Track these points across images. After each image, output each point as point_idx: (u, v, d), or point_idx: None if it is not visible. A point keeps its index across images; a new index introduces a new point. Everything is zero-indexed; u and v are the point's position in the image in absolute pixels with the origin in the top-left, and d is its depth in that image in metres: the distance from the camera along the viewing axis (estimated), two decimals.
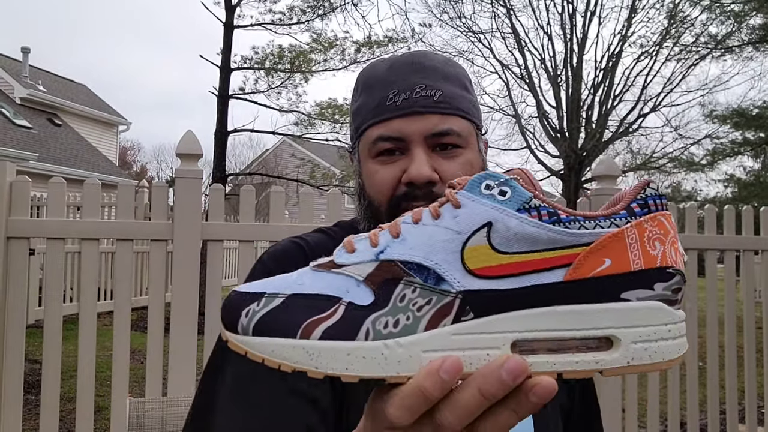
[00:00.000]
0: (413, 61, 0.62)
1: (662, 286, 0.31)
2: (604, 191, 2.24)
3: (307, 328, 0.31)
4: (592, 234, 0.31)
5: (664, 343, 0.31)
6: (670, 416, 2.41)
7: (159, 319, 1.85)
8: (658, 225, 0.32)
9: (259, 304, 0.32)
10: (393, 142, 0.60)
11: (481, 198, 0.32)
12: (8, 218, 1.74)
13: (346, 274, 0.32)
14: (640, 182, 0.33)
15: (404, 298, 0.31)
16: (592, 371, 0.31)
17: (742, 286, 2.85)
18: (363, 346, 0.31)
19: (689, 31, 11.13)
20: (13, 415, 1.72)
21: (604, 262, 0.31)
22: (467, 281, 0.31)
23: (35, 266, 5.92)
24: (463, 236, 0.31)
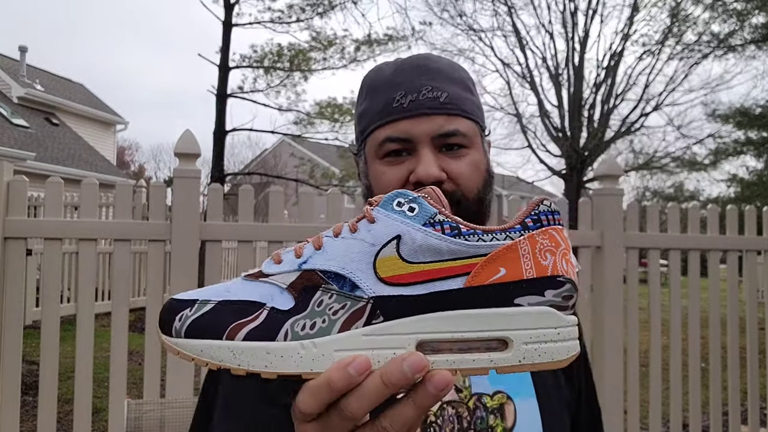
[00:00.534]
0: (419, 64, 0.64)
1: (552, 293, 0.35)
2: (606, 191, 2.22)
3: (232, 330, 0.34)
4: (489, 246, 0.35)
5: (553, 344, 0.34)
6: (672, 417, 2.39)
7: (157, 321, 1.84)
8: (549, 238, 0.35)
9: (192, 310, 0.35)
10: (400, 143, 0.61)
11: (392, 213, 0.36)
12: (5, 218, 1.73)
13: (272, 283, 0.36)
14: (535, 199, 0.37)
15: (321, 303, 0.35)
16: (488, 369, 0.34)
17: (744, 286, 2.84)
18: (281, 346, 0.34)
19: (692, 29, 11.11)
20: (10, 416, 1.71)
21: (499, 271, 0.34)
22: (378, 288, 0.34)
23: (32, 267, 5.91)
24: (376, 248, 0.35)
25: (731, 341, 2.52)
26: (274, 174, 13.15)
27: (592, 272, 2.27)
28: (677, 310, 2.41)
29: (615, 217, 2.22)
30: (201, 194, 2.17)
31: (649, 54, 11.43)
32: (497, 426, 0.61)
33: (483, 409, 0.61)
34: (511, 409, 0.62)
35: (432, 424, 0.60)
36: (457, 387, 0.62)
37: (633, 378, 2.29)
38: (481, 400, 0.62)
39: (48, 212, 1.79)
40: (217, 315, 0.35)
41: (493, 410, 0.62)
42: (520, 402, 0.63)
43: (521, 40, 11.92)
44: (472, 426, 0.60)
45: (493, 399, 0.62)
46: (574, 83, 11.66)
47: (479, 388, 0.62)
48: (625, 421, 2.26)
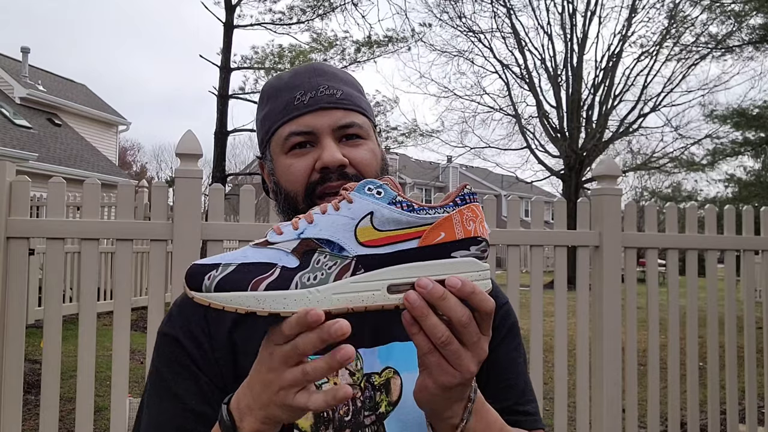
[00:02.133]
0: (314, 68, 0.71)
1: (475, 248, 0.50)
2: (604, 191, 2.23)
3: (255, 283, 0.46)
4: (433, 217, 0.49)
5: (477, 282, 0.49)
6: (671, 416, 2.41)
7: (159, 320, 1.85)
8: (471, 211, 0.50)
9: (218, 271, 0.47)
10: (304, 135, 0.67)
11: (365, 196, 0.49)
12: (8, 218, 1.74)
13: (278, 249, 0.48)
14: (461, 185, 0.51)
15: (319, 262, 0.48)
16: None
17: (742, 286, 2.85)
18: (294, 292, 0.46)
19: (689, 30, 11.12)
20: (12, 415, 1.72)
21: (440, 235, 0.49)
22: (359, 249, 0.48)
23: (35, 266, 5.92)
24: (356, 221, 0.48)
25: (729, 340, 2.53)
26: None
27: (590, 272, 2.28)
28: (675, 309, 2.42)
29: (613, 217, 2.23)
30: (202, 194, 2.19)
31: (647, 55, 11.45)
32: (382, 402, 0.65)
33: (371, 388, 0.65)
34: (397, 383, 0.65)
35: None
36: (350, 371, 0.65)
37: (631, 377, 2.31)
38: (370, 380, 0.65)
39: (50, 212, 1.80)
40: (240, 273, 0.46)
41: (380, 387, 0.65)
42: (408, 376, 0.66)
43: (520, 41, 11.94)
44: (363, 405, 0.64)
45: (381, 376, 0.66)
46: (573, 84, 11.67)
47: (370, 368, 0.66)
48: (624, 419, 2.28)
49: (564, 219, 2.27)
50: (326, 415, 0.63)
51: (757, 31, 9.89)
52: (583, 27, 11.57)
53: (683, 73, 11.32)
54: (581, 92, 11.60)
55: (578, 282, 2.30)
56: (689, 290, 2.47)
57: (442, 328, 0.47)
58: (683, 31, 11.10)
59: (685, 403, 2.47)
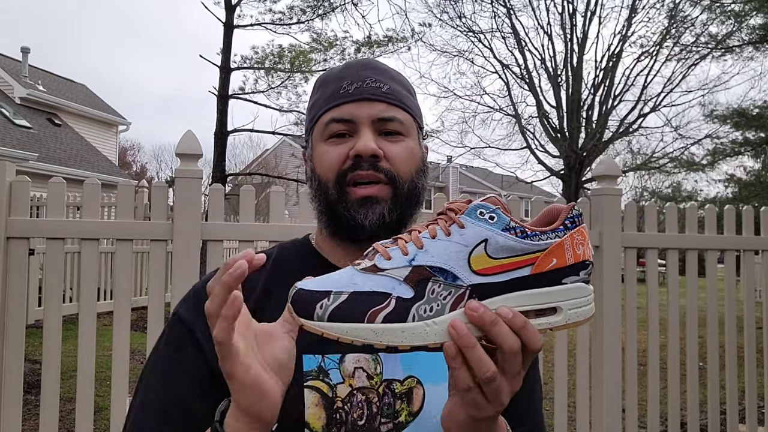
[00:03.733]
0: (365, 62, 0.72)
1: (583, 272, 0.49)
2: (604, 191, 2.24)
3: (371, 315, 0.45)
4: (545, 243, 0.48)
5: (585, 308, 0.49)
6: (671, 416, 2.41)
7: (159, 319, 1.85)
8: (580, 234, 0.49)
9: (329, 300, 0.46)
10: (344, 123, 0.67)
11: (478, 221, 0.48)
12: (8, 218, 1.74)
13: (389, 276, 0.47)
14: (569, 205, 0.51)
15: (434, 292, 0.47)
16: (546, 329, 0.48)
17: (742, 286, 2.85)
18: (412, 325, 0.46)
19: (689, 30, 11.12)
20: (12, 414, 1.72)
21: (552, 261, 0.48)
22: (473, 278, 0.47)
23: (35, 266, 5.92)
24: (469, 248, 0.47)
25: (729, 340, 2.53)
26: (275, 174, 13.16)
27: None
28: (675, 309, 2.42)
29: (613, 217, 2.23)
30: (202, 194, 2.19)
31: (647, 55, 11.44)
32: (402, 410, 0.63)
33: (391, 395, 0.64)
34: (420, 393, 0.64)
35: (339, 410, 0.62)
36: (368, 374, 0.64)
37: (631, 377, 2.31)
38: (390, 386, 0.64)
39: (50, 212, 1.80)
40: (353, 303, 0.46)
41: (401, 395, 0.64)
42: (431, 387, 0.65)
43: (520, 41, 11.94)
44: (379, 411, 0.63)
45: (403, 384, 0.64)
46: (573, 84, 11.67)
47: (391, 374, 0.64)
48: (624, 419, 2.28)
49: None
50: (339, 417, 0.62)
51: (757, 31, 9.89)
52: (583, 27, 11.57)
53: (683, 73, 11.32)
54: (581, 92, 11.60)
55: None
56: (689, 290, 2.47)
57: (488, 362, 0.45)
58: (683, 31, 11.10)
59: (685, 403, 2.47)
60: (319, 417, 0.61)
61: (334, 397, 0.62)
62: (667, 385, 2.41)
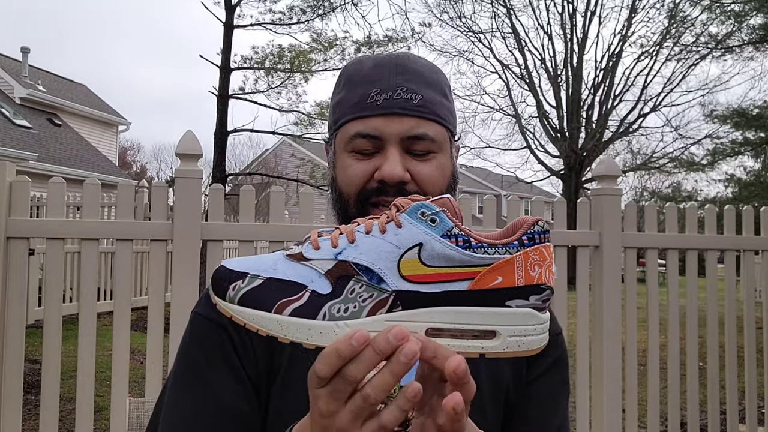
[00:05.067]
0: (398, 63, 0.64)
1: (535, 297, 0.43)
2: (604, 191, 2.24)
3: (280, 306, 0.42)
4: (491, 258, 0.42)
5: (530, 338, 0.43)
6: (671, 416, 2.41)
7: (159, 319, 1.85)
8: (539, 254, 0.43)
9: (244, 282, 0.42)
10: (370, 139, 0.62)
11: (417, 222, 0.43)
12: (8, 218, 1.74)
13: (311, 267, 0.43)
14: (531, 219, 0.44)
15: (353, 292, 0.42)
16: (478, 353, 0.43)
17: (742, 286, 2.85)
18: (321, 324, 0.42)
19: (689, 30, 11.13)
20: (12, 415, 1.72)
21: (497, 279, 0.42)
22: (400, 283, 0.42)
23: (35, 266, 5.92)
24: (401, 250, 0.42)
25: (729, 340, 2.53)
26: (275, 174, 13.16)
27: (590, 272, 2.28)
28: (675, 309, 2.42)
29: (613, 217, 2.23)
30: (202, 194, 2.19)
31: (647, 55, 11.45)
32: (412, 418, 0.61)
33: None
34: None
35: None
36: None
37: (631, 377, 2.31)
38: None
39: (50, 212, 1.80)
40: (266, 290, 0.42)
41: None
42: None
43: (520, 41, 11.94)
44: None
45: None
46: (573, 84, 11.67)
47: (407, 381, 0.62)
48: (624, 419, 2.28)
49: (564, 219, 2.27)
50: None
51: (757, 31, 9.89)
52: (583, 27, 11.58)
53: (683, 73, 11.33)
54: (581, 92, 11.60)
55: (578, 282, 2.31)
56: (689, 290, 2.47)
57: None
58: (683, 31, 11.11)
59: (685, 403, 2.47)
60: None
61: None
62: (667, 385, 2.41)
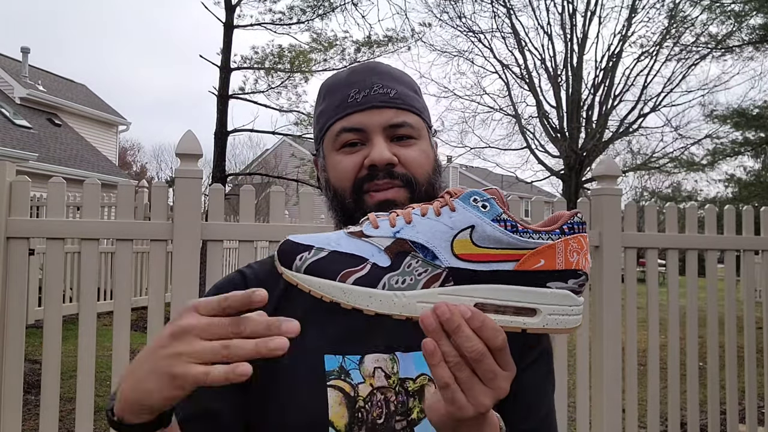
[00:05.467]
0: (370, 67, 0.72)
1: (573, 281, 0.47)
2: (604, 191, 2.24)
3: (344, 275, 0.46)
4: (536, 243, 0.47)
5: (567, 317, 0.47)
6: (671, 416, 2.41)
7: (159, 319, 1.85)
8: (577, 242, 0.47)
9: (310, 253, 0.47)
10: (355, 133, 0.67)
11: (470, 207, 0.47)
12: (8, 218, 1.74)
13: (371, 243, 0.47)
14: (572, 211, 0.49)
15: (410, 266, 0.46)
16: (520, 328, 0.47)
17: (742, 286, 2.85)
18: (380, 293, 0.46)
19: (689, 30, 11.12)
20: (12, 415, 1.72)
21: (540, 262, 0.46)
22: (453, 261, 0.46)
23: (35, 266, 5.92)
24: (455, 231, 0.47)
25: (729, 340, 2.53)
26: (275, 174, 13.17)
27: (590, 272, 2.28)
28: (675, 309, 2.42)
29: (613, 217, 2.24)
30: (202, 194, 2.19)
31: (647, 55, 11.45)
32: (414, 408, 0.65)
33: (404, 393, 0.65)
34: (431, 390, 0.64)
35: (361, 409, 0.63)
36: (386, 373, 0.65)
37: (631, 377, 2.31)
38: (404, 385, 0.65)
39: (50, 212, 1.80)
40: (330, 261, 0.46)
41: (413, 393, 0.65)
42: None
43: (520, 41, 11.94)
44: (396, 409, 0.65)
45: (415, 382, 0.65)
46: (573, 84, 11.67)
47: (405, 373, 0.66)
48: (624, 419, 2.28)
49: None
50: (361, 416, 0.63)
51: (757, 31, 9.89)
52: (583, 27, 11.57)
53: (683, 73, 11.32)
54: (581, 92, 11.60)
55: None
56: (689, 290, 2.47)
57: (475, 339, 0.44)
58: (683, 31, 11.10)
59: (685, 403, 2.47)
60: (342, 416, 0.63)
61: (356, 396, 0.64)
62: (667, 385, 2.41)
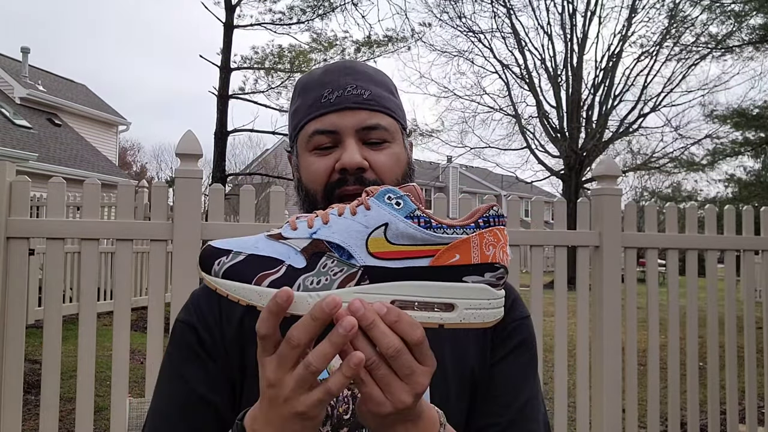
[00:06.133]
0: (345, 66, 0.70)
1: (489, 274, 0.47)
2: (604, 191, 2.24)
3: (259, 278, 0.46)
4: (449, 237, 0.47)
5: (485, 311, 0.47)
6: (671, 416, 2.41)
7: (159, 320, 1.85)
8: (493, 235, 0.48)
9: (228, 257, 0.47)
10: (328, 134, 0.66)
11: (383, 205, 0.47)
12: (8, 218, 1.74)
13: (288, 245, 0.47)
14: (485, 205, 0.49)
15: (326, 266, 0.46)
16: (437, 324, 0.47)
17: (742, 286, 2.85)
18: (296, 294, 0.45)
19: (689, 30, 11.13)
20: (12, 415, 1.72)
21: (455, 257, 0.47)
22: (368, 259, 0.46)
23: (35, 266, 5.91)
24: (369, 229, 0.47)
25: (729, 340, 2.53)
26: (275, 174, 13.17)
27: (590, 272, 2.28)
28: (675, 309, 2.42)
29: (613, 217, 2.23)
30: (202, 194, 2.19)
31: (647, 55, 11.45)
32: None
33: None
34: None
35: None
36: None
37: (631, 377, 2.31)
38: None
39: (50, 212, 1.80)
40: (248, 265, 0.47)
41: None
42: None
43: (520, 41, 11.94)
44: None
45: None
46: (573, 84, 11.67)
47: None
48: (624, 420, 2.28)
49: (564, 219, 2.27)
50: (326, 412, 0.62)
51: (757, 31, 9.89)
52: (583, 27, 11.57)
53: (683, 73, 11.33)
54: (581, 92, 11.60)
55: (578, 282, 2.31)
56: (689, 290, 2.47)
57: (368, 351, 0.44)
58: (683, 31, 11.11)
59: (685, 403, 2.47)
60: None
61: None
62: (667, 385, 2.41)
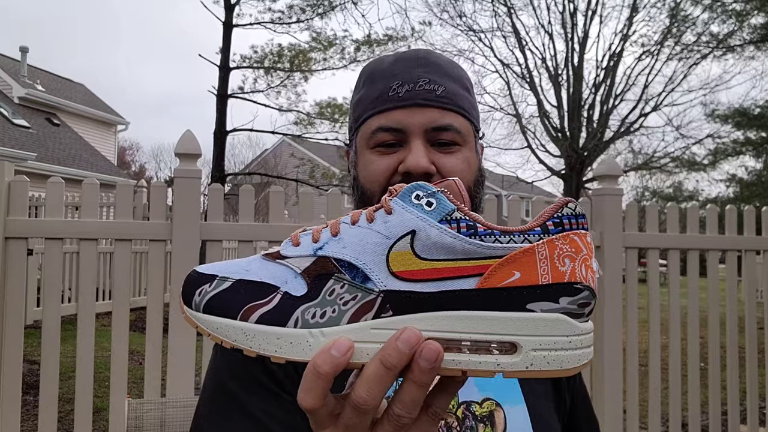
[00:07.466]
0: (418, 56, 0.63)
1: (568, 300, 0.34)
2: (605, 191, 2.23)
3: (246, 311, 0.34)
4: (504, 248, 0.34)
5: (563, 353, 0.34)
6: (672, 417, 2.40)
7: (158, 320, 1.84)
8: (570, 243, 0.34)
9: (211, 285, 0.36)
10: (393, 133, 0.60)
11: (409, 207, 0.35)
12: (6, 218, 1.73)
13: (287, 266, 0.36)
14: (559, 201, 0.35)
15: (333, 293, 0.34)
16: (494, 372, 0.33)
17: (743, 286, 2.84)
18: (291, 332, 0.34)
19: (691, 30, 11.12)
20: (11, 415, 1.71)
21: (513, 275, 0.33)
22: (390, 282, 0.34)
23: (33, 266, 5.91)
24: (390, 241, 0.34)
25: (730, 341, 2.52)
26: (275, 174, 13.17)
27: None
28: (676, 309, 2.41)
29: (614, 217, 2.23)
30: (201, 194, 2.18)
31: (648, 54, 11.44)
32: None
33: (472, 417, 0.59)
34: (501, 416, 0.61)
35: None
36: None
37: (632, 377, 2.30)
38: (470, 409, 0.59)
39: (49, 212, 1.79)
40: (233, 294, 0.35)
41: (482, 418, 0.60)
42: (510, 408, 0.61)
43: (521, 40, 11.93)
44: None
45: (482, 407, 0.60)
46: (574, 83, 11.66)
47: (467, 396, 0.60)
48: (625, 420, 2.27)
49: None
50: None
51: (758, 30, 9.89)
52: (584, 26, 11.57)
53: (684, 73, 11.31)
54: (582, 92, 11.59)
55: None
56: (690, 290, 2.46)
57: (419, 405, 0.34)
58: (684, 30, 11.10)
59: (686, 403, 2.47)
60: None
61: None
62: (668, 385, 2.40)
